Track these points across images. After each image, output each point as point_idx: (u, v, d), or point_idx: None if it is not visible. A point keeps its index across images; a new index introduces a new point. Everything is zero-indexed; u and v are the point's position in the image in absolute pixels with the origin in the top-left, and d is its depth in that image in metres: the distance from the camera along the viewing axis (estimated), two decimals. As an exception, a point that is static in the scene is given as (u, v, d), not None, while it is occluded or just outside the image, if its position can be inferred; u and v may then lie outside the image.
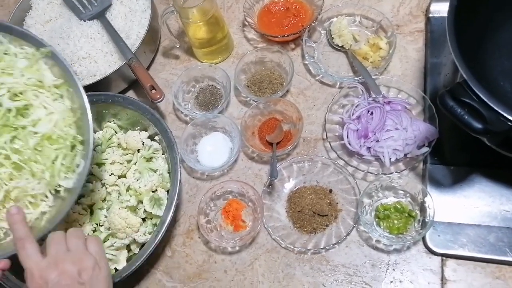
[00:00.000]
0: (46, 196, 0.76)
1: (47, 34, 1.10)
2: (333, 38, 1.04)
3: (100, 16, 1.08)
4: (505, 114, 0.66)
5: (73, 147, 0.76)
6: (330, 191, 0.91)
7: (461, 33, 0.75)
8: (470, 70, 0.71)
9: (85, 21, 1.09)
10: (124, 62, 1.01)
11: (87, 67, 1.04)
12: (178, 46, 1.08)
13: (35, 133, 0.75)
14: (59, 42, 1.06)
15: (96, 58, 1.05)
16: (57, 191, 0.76)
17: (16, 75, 0.76)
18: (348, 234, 0.86)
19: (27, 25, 1.13)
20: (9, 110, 0.74)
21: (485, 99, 0.67)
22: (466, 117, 0.67)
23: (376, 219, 0.86)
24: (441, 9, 1.02)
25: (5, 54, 0.78)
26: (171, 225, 0.94)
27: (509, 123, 0.66)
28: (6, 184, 0.74)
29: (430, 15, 1.03)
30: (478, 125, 0.66)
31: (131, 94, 1.10)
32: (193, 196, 0.97)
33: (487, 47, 0.87)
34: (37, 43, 0.78)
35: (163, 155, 0.95)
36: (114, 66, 1.04)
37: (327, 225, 0.88)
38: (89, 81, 1.03)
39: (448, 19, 0.76)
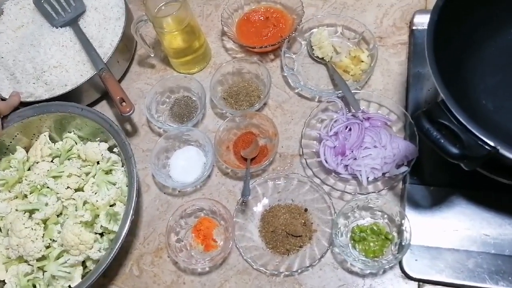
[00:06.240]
0: None
1: (18, 40, 1.07)
2: (313, 49, 1.01)
3: (73, 23, 1.04)
4: (483, 138, 0.63)
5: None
6: (306, 210, 0.87)
7: (442, 49, 0.72)
8: (448, 89, 0.67)
9: (57, 28, 1.05)
10: (95, 73, 0.97)
11: (58, 77, 1.00)
12: (152, 56, 1.04)
13: None
14: (30, 49, 1.03)
15: (68, 67, 1.01)
16: None
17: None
18: (322, 257, 0.82)
19: (-3, 31, 1.09)
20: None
21: (463, 121, 0.64)
22: (442, 141, 0.64)
23: (352, 241, 0.82)
24: (426, 22, 0.96)
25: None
26: (139, 243, 0.91)
27: (487, 148, 0.63)
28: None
29: (414, 28, 0.99)
30: (454, 150, 0.63)
31: (104, 104, 1.07)
32: (163, 213, 0.93)
33: (469, 64, 0.83)
34: None
35: (123, 168, 0.91)
36: (86, 76, 1.00)
37: (300, 246, 0.84)
38: (60, 91, 1.00)
39: (427, 35, 0.73)
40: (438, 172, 0.85)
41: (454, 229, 0.80)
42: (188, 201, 0.90)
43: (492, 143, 0.62)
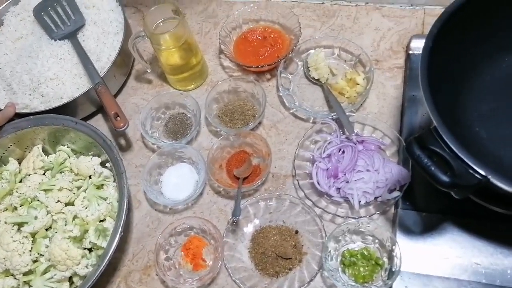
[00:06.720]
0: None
1: (16, 52, 1.07)
2: (309, 70, 1.01)
3: (72, 36, 1.05)
4: (474, 166, 0.62)
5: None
6: (296, 232, 0.87)
7: (436, 75, 0.72)
8: (441, 116, 0.67)
9: (55, 40, 1.05)
10: (91, 86, 0.97)
11: (54, 89, 1.00)
12: (149, 71, 1.05)
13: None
14: (27, 61, 1.03)
15: (64, 80, 1.01)
16: None
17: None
18: (311, 280, 0.81)
19: (-4, 42, 1.10)
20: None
21: (455, 149, 0.64)
22: (433, 168, 0.63)
23: (342, 266, 0.82)
24: (422, 46, 0.99)
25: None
26: (128, 260, 0.90)
27: (478, 176, 0.62)
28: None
29: (410, 52, 1.00)
30: (444, 178, 0.62)
31: (99, 118, 1.07)
32: (154, 230, 0.92)
33: (464, 91, 0.83)
34: None
35: (114, 183, 0.91)
36: (82, 89, 1.01)
37: (290, 269, 0.84)
38: (56, 103, 0.99)
39: (421, 61, 0.73)
40: (431, 198, 0.84)
41: (445, 256, 0.79)
42: (179, 219, 0.89)
43: (483, 172, 0.62)
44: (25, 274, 0.83)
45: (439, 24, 0.75)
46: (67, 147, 0.97)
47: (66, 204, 0.88)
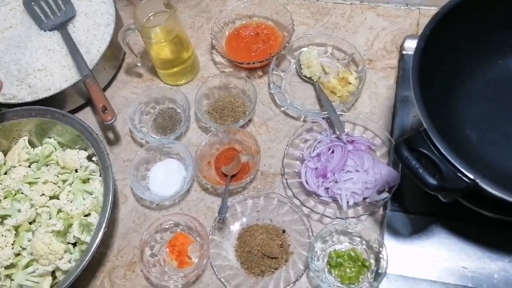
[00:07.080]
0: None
1: (5, 41, 1.05)
2: (301, 68, 1.00)
3: (62, 27, 1.03)
4: (462, 170, 0.62)
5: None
6: (283, 231, 0.86)
7: (428, 76, 0.71)
8: (431, 118, 0.66)
9: (45, 31, 1.03)
10: (80, 78, 0.96)
11: (42, 80, 0.99)
12: (139, 65, 1.03)
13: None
14: (16, 51, 1.01)
15: (53, 71, 1.00)
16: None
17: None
18: (297, 280, 0.80)
19: (-15, 31, 1.08)
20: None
21: (443, 151, 0.63)
22: (420, 170, 0.62)
23: (328, 266, 0.81)
24: None
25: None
26: (113, 255, 0.89)
27: (466, 180, 0.61)
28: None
29: (404, 52, 0.99)
30: (432, 181, 0.62)
31: (88, 111, 1.05)
32: (140, 226, 0.91)
33: (456, 93, 0.82)
34: None
35: (100, 177, 0.89)
36: (71, 81, 0.99)
37: (276, 269, 0.83)
38: (43, 95, 0.98)
39: (413, 62, 0.72)
40: (420, 200, 0.83)
41: (432, 259, 0.79)
42: (165, 215, 0.88)
43: (471, 176, 0.61)
44: (6, 267, 0.82)
45: (431, 25, 0.74)
46: (54, 139, 0.95)
47: (51, 198, 0.87)
